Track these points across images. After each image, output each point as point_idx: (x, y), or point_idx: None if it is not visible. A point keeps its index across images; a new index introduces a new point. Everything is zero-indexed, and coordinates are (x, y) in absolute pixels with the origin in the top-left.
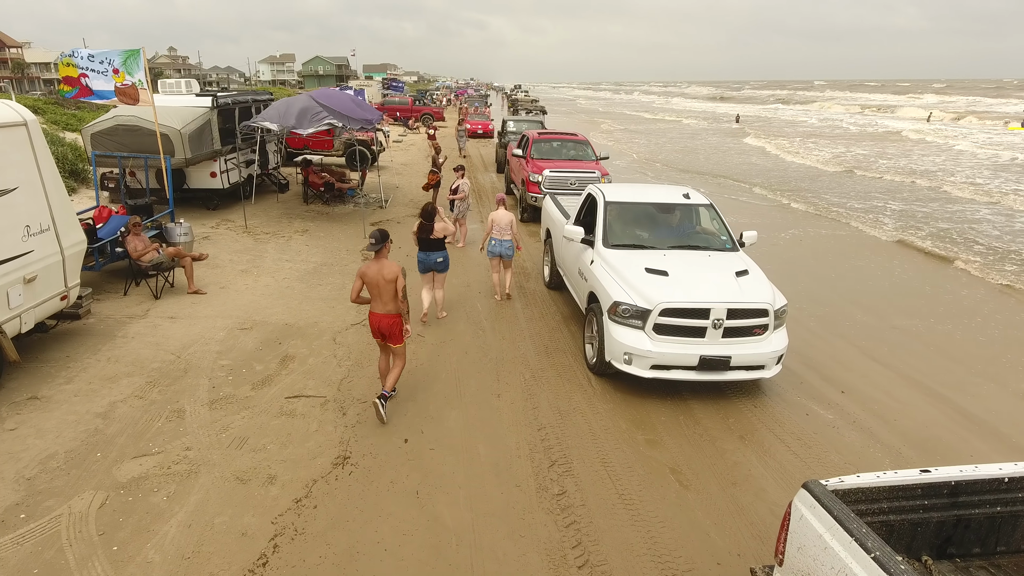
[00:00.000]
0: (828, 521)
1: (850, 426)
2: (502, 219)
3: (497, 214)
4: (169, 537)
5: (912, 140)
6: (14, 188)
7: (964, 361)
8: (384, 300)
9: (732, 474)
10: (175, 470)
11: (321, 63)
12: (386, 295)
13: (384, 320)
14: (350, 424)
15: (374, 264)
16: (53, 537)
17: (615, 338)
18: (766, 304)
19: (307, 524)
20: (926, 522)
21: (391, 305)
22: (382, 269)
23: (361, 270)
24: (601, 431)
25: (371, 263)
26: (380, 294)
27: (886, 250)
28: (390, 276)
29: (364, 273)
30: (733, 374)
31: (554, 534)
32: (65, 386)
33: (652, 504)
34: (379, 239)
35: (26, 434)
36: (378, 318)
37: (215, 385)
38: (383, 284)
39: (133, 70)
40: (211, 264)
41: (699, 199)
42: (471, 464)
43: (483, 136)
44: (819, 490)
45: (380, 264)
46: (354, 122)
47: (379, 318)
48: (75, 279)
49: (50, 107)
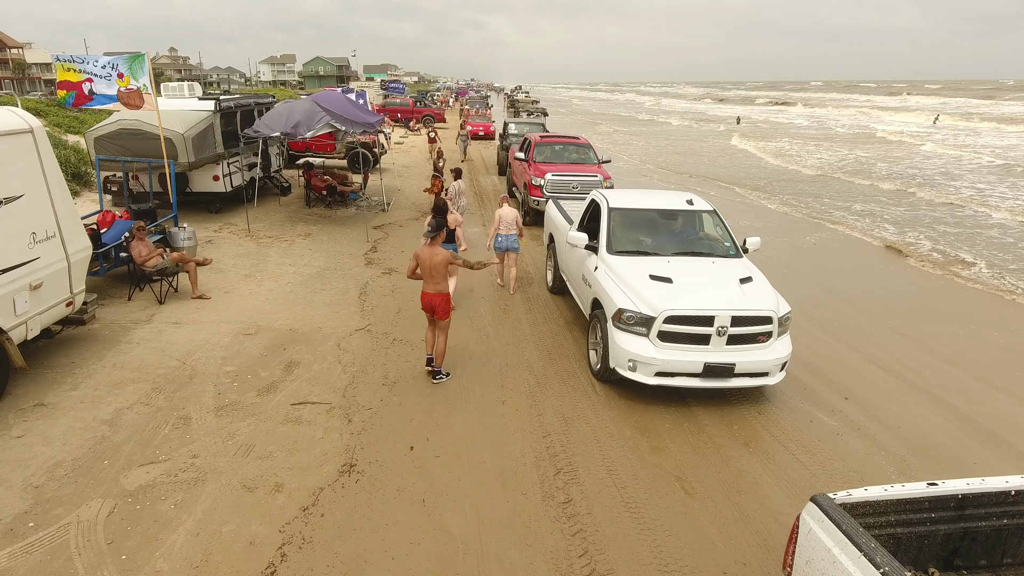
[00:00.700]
0: (837, 535)
1: (854, 433)
2: (508, 215)
3: (503, 211)
4: (177, 546)
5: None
6: (20, 195)
7: (966, 367)
8: (435, 280)
9: (737, 482)
10: (182, 478)
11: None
12: (437, 275)
13: (434, 298)
14: (356, 431)
15: (428, 249)
16: (62, 546)
17: (619, 345)
18: (770, 311)
19: (314, 533)
20: (933, 535)
21: (442, 284)
22: (434, 253)
23: (416, 252)
24: (606, 438)
25: (425, 247)
26: (431, 275)
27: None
28: (441, 260)
29: (419, 255)
30: (737, 381)
31: (560, 543)
32: (71, 392)
33: (657, 512)
34: (435, 228)
35: (33, 441)
36: (429, 296)
37: (221, 392)
38: (434, 266)
39: (138, 74)
40: (214, 269)
41: (703, 205)
42: (477, 472)
43: (484, 138)
44: (828, 504)
45: (433, 249)
46: (356, 125)
47: (430, 296)
48: (80, 285)
49: (52, 109)
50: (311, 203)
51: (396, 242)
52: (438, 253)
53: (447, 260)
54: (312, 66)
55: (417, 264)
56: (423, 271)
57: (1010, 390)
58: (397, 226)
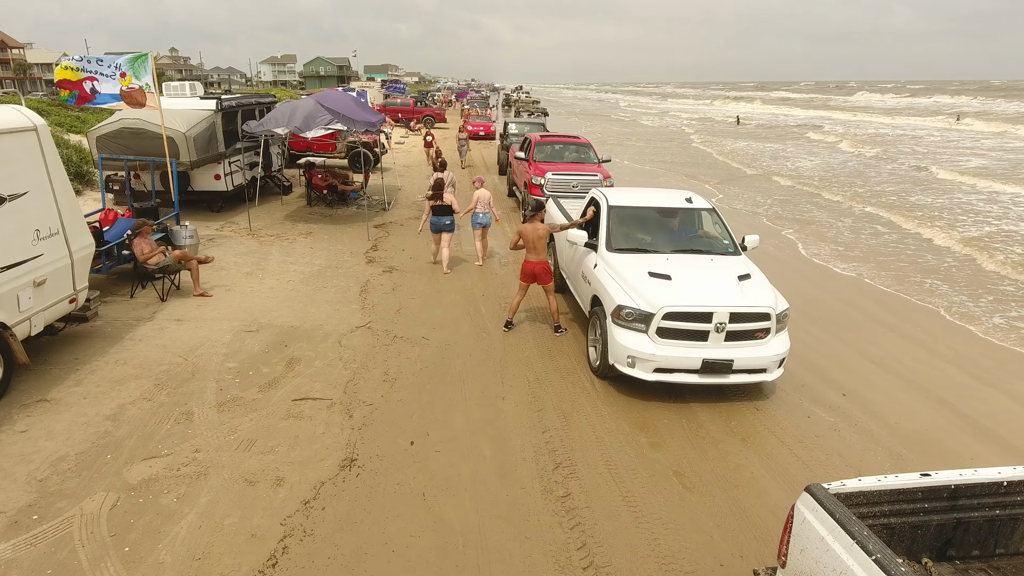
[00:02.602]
0: (830, 524)
1: (851, 429)
2: (483, 196)
3: (480, 192)
4: (180, 538)
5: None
6: (24, 192)
7: (963, 364)
8: (537, 251)
9: (735, 476)
10: (185, 472)
11: (322, 64)
12: (539, 247)
13: (537, 266)
14: (357, 426)
15: (530, 225)
16: (66, 538)
17: (618, 341)
18: (768, 308)
19: (315, 526)
20: (926, 525)
21: (543, 255)
22: (536, 229)
23: (520, 229)
24: (605, 433)
25: (527, 224)
26: (534, 247)
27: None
28: (543, 234)
29: (523, 231)
30: (735, 377)
31: (559, 536)
32: (74, 388)
33: (656, 506)
34: (535, 208)
35: (37, 436)
36: (532, 264)
37: (222, 387)
38: (536, 239)
39: (140, 74)
40: (216, 267)
41: (701, 203)
42: (476, 466)
43: (485, 138)
44: (821, 493)
45: (535, 225)
46: (358, 125)
47: (533, 264)
48: (83, 282)
49: (54, 109)
50: (312, 202)
51: (397, 240)
52: (540, 228)
53: (547, 232)
54: (313, 66)
55: (519, 238)
56: (526, 244)
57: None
58: (398, 225)
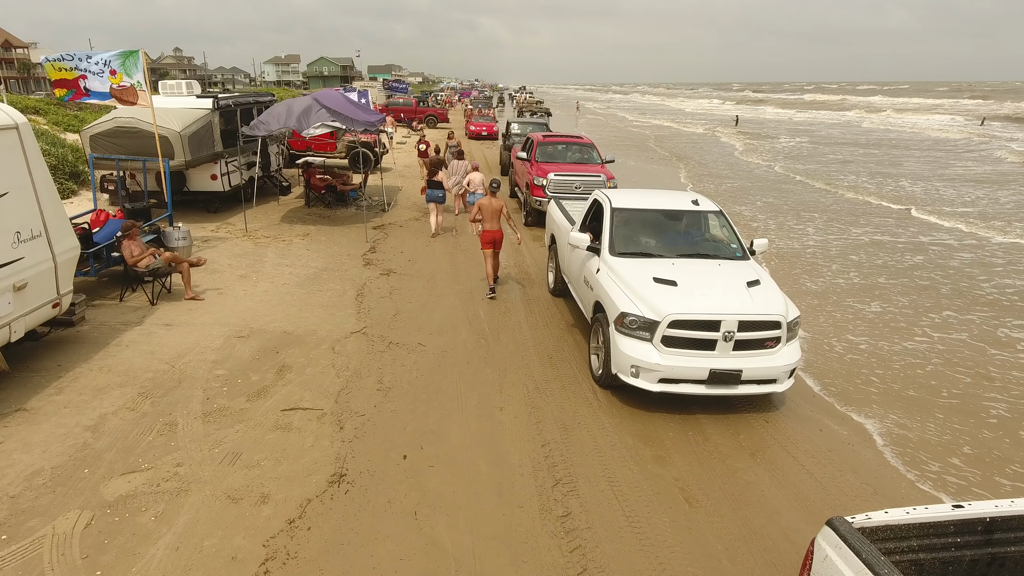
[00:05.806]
0: (856, 564)
1: (866, 443)
2: (476, 179)
3: (473, 175)
4: (155, 561)
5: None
6: (4, 193)
7: (981, 372)
8: (493, 222)
9: (744, 494)
10: (164, 488)
11: (326, 64)
12: (495, 219)
13: (495, 234)
14: (347, 439)
15: (487, 199)
16: (35, 560)
17: (622, 350)
18: (779, 316)
19: (300, 548)
20: (958, 561)
21: (498, 224)
22: (492, 203)
23: (479, 203)
24: (607, 447)
25: (486, 199)
26: (491, 217)
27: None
28: (498, 207)
29: (482, 205)
30: (744, 388)
31: (558, 559)
32: (55, 397)
33: (661, 527)
34: (497, 186)
35: (12, 448)
36: (491, 233)
37: (209, 396)
38: (493, 211)
39: (131, 71)
40: (209, 269)
41: (708, 205)
42: (472, 483)
43: (487, 138)
44: (845, 528)
45: (491, 200)
46: (357, 124)
47: (491, 233)
48: (68, 286)
49: (52, 108)
50: (311, 203)
51: (396, 242)
52: (495, 202)
53: (502, 206)
54: (317, 66)
55: (479, 211)
56: (484, 215)
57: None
58: (397, 226)
